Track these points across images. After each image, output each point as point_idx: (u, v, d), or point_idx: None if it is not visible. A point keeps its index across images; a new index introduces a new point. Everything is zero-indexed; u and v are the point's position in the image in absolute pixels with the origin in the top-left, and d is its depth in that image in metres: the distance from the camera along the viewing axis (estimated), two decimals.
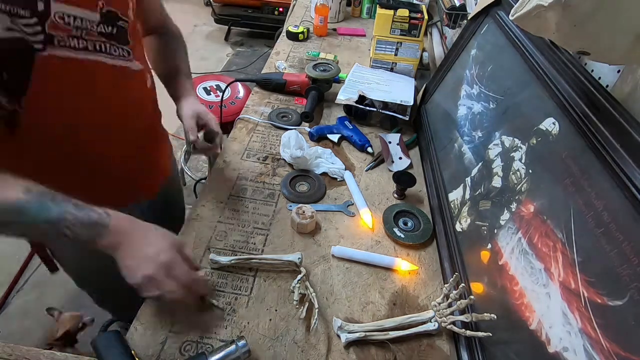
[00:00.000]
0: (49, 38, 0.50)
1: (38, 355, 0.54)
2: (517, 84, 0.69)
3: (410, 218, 0.80)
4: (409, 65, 1.25)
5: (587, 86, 0.51)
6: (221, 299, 0.63)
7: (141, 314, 0.59)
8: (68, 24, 0.52)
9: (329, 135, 1.00)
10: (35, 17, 0.48)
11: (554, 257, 0.47)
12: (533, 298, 0.49)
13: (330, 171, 0.88)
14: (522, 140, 0.62)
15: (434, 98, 1.06)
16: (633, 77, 0.48)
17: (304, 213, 0.74)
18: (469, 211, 0.70)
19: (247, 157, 0.92)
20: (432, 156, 0.91)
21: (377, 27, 1.20)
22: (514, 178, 0.60)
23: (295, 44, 1.48)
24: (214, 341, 0.57)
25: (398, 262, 0.70)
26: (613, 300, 0.38)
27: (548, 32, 0.44)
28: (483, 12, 0.90)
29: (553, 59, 0.60)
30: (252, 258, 0.66)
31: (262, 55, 3.24)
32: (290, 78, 1.15)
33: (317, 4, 1.51)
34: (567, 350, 0.42)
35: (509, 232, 0.58)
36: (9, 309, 1.59)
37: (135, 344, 0.56)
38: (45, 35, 0.50)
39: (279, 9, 3.23)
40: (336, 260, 0.71)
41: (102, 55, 0.58)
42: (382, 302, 0.65)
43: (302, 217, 0.73)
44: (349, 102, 1.03)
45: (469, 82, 0.87)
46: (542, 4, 0.40)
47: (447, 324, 0.58)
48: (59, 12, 0.51)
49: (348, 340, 0.58)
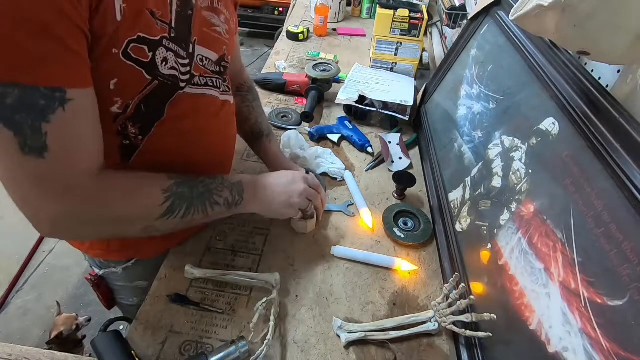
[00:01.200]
0: (191, 77, 0.54)
1: (38, 355, 0.54)
2: (517, 84, 0.69)
3: (410, 218, 0.80)
4: (409, 65, 1.25)
5: (587, 86, 0.51)
6: (221, 299, 0.63)
7: (141, 314, 0.59)
8: (204, 65, 0.57)
9: (329, 135, 1.00)
10: (188, 59, 0.53)
11: (554, 257, 0.47)
12: (533, 298, 0.49)
13: (330, 171, 0.88)
14: (522, 140, 0.62)
15: (434, 98, 1.06)
16: (633, 77, 0.48)
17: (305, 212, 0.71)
18: (469, 211, 0.70)
19: (247, 156, 0.92)
20: (432, 156, 0.91)
21: (377, 27, 1.20)
22: (514, 178, 0.60)
23: (295, 44, 1.48)
24: (214, 341, 0.57)
25: (398, 262, 0.70)
26: (613, 300, 0.38)
27: (548, 32, 0.44)
28: (483, 12, 0.90)
29: (553, 59, 0.60)
30: (228, 274, 0.64)
31: (262, 55, 3.25)
32: (290, 78, 1.15)
33: (317, 4, 1.51)
34: (567, 350, 0.42)
35: (509, 232, 0.58)
36: (9, 309, 1.60)
37: (135, 344, 0.56)
38: (190, 75, 0.54)
39: (279, 9, 3.24)
40: (336, 260, 0.71)
41: (215, 90, 0.61)
42: (382, 302, 0.65)
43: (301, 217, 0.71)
44: (349, 102, 1.03)
45: (469, 82, 0.87)
46: (542, 4, 0.40)
47: (447, 324, 0.58)
48: (200, 55, 0.56)
49: (348, 340, 0.58)
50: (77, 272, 1.75)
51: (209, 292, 0.63)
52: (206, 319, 0.60)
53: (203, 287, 0.64)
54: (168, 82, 0.50)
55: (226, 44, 0.62)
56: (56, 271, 1.76)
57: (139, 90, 0.48)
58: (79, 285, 1.69)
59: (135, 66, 0.46)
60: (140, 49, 0.45)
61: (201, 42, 0.55)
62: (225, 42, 0.61)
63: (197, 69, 0.56)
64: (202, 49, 0.56)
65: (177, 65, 0.51)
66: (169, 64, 0.49)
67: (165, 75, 0.50)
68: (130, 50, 0.44)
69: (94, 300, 0.81)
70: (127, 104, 0.48)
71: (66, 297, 1.66)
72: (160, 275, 0.65)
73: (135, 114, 0.50)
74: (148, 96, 0.49)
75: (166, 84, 0.50)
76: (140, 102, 0.49)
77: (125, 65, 0.45)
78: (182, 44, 0.51)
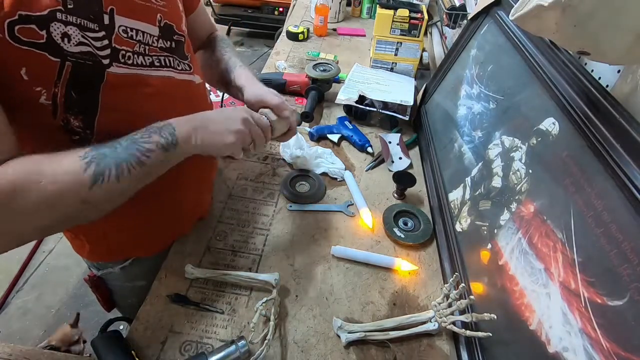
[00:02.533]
0: (115, 53, 0.49)
1: (38, 355, 0.54)
2: (517, 84, 0.69)
3: (410, 218, 0.80)
4: (409, 65, 1.25)
5: (587, 86, 0.51)
6: (221, 299, 0.63)
7: (141, 314, 0.59)
8: (131, 37, 0.51)
9: (329, 135, 1.00)
10: (102, 31, 0.47)
11: (554, 257, 0.47)
12: (533, 298, 0.49)
13: (330, 171, 0.88)
14: (522, 140, 0.62)
15: (434, 98, 1.06)
16: (633, 77, 0.48)
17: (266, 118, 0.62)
18: (469, 211, 0.70)
19: (247, 156, 0.92)
20: (432, 156, 0.91)
21: (377, 27, 1.20)
22: (514, 178, 0.60)
23: (295, 44, 1.48)
24: (214, 341, 0.57)
25: (398, 262, 0.70)
26: (613, 300, 0.38)
27: (548, 32, 0.44)
28: (483, 12, 0.90)
29: (553, 59, 0.60)
30: (228, 274, 0.64)
31: (262, 55, 3.25)
32: (290, 78, 1.15)
33: (317, 4, 1.51)
34: (567, 350, 0.42)
35: (509, 232, 0.58)
36: (9, 309, 1.59)
37: (135, 344, 0.56)
38: (112, 49, 0.48)
39: (279, 9, 3.23)
40: (336, 260, 0.71)
41: (170, 71, 0.56)
42: (382, 302, 0.65)
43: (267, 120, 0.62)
44: (349, 102, 1.03)
45: (469, 82, 0.87)
46: (542, 4, 0.40)
47: (447, 324, 0.58)
48: (123, 25, 0.50)
49: (348, 340, 0.58)
50: (77, 272, 1.75)
51: (209, 292, 0.63)
52: (206, 319, 0.60)
53: (203, 287, 0.64)
54: (84, 61, 0.46)
55: (161, 11, 0.54)
56: (56, 271, 1.76)
57: (55, 75, 0.44)
58: (79, 285, 1.69)
59: (34, 49, 0.42)
60: (29, 29, 0.41)
61: (122, 12, 0.49)
62: (159, 9, 0.54)
63: (123, 43, 0.50)
64: (125, 20, 0.50)
65: (87, 40, 0.46)
66: (73, 40, 0.44)
67: (76, 54, 0.45)
68: (19, 33, 0.40)
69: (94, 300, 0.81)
70: (54, 93, 0.45)
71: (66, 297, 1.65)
72: (160, 275, 0.65)
73: (69, 104, 0.47)
74: (71, 81, 0.46)
75: (84, 64, 0.46)
76: (68, 89, 0.46)
77: (22, 50, 0.41)
78: (90, 15, 0.46)
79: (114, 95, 0.50)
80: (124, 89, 0.51)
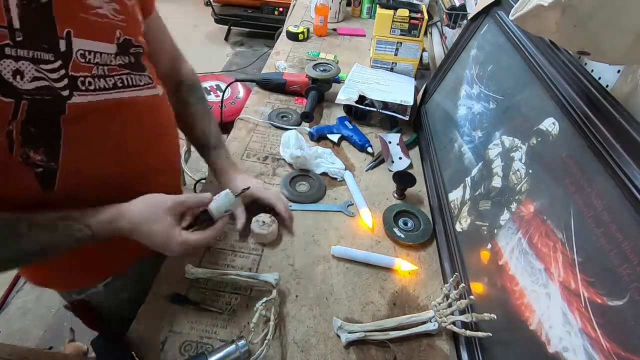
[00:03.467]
0: (73, 81, 0.45)
1: (38, 355, 0.54)
2: (517, 84, 0.69)
3: (410, 218, 0.80)
4: (409, 65, 1.25)
5: (587, 86, 0.51)
6: (221, 299, 0.63)
7: (141, 313, 0.59)
8: (89, 61, 0.47)
9: (329, 135, 1.00)
10: (59, 60, 0.44)
11: (554, 257, 0.47)
12: (533, 298, 0.49)
13: (330, 171, 0.88)
14: (522, 140, 0.62)
15: (434, 98, 1.06)
16: (633, 77, 0.48)
17: (264, 223, 0.70)
18: (469, 211, 0.70)
19: (247, 157, 0.92)
20: (432, 156, 0.91)
21: (377, 27, 1.20)
22: (514, 178, 0.60)
23: (295, 44, 1.48)
24: (214, 341, 0.57)
25: (398, 262, 0.70)
26: (613, 300, 0.38)
27: (548, 32, 0.44)
28: (483, 12, 0.90)
29: (553, 59, 0.60)
30: (228, 274, 0.64)
31: (262, 55, 3.24)
32: (290, 78, 1.15)
33: (317, 4, 1.51)
34: (567, 350, 0.42)
35: (509, 232, 0.58)
36: (9, 309, 1.59)
37: (135, 344, 0.56)
38: (69, 78, 0.45)
39: (279, 9, 3.23)
40: (336, 260, 0.71)
41: (134, 90, 0.53)
42: (382, 302, 0.65)
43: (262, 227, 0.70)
44: (349, 102, 1.03)
45: (469, 82, 0.87)
46: (542, 4, 0.40)
47: (447, 324, 0.58)
48: (81, 49, 0.46)
49: (348, 340, 0.58)
50: None
51: (209, 292, 0.63)
52: (206, 319, 0.60)
53: (203, 287, 0.64)
54: (42, 96, 0.42)
55: (120, 26, 0.50)
56: None
57: (9, 116, 0.41)
58: None
59: None
60: None
61: (80, 34, 0.45)
62: (117, 24, 0.50)
63: (80, 69, 0.46)
64: (83, 42, 0.45)
65: (42, 73, 0.42)
66: (27, 76, 0.41)
67: (31, 91, 0.41)
68: None
69: None
70: (8, 131, 0.42)
71: None
72: (160, 276, 0.65)
73: (27, 139, 0.43)
74: (27, 119, 0.42)
75: (41, 100, 0.42)
76: (24, 126, 0.42)
77: None
78: (43, 45, 0.42)
79: (78, 126, 0.47)
80: (88, 118, 0.48)
